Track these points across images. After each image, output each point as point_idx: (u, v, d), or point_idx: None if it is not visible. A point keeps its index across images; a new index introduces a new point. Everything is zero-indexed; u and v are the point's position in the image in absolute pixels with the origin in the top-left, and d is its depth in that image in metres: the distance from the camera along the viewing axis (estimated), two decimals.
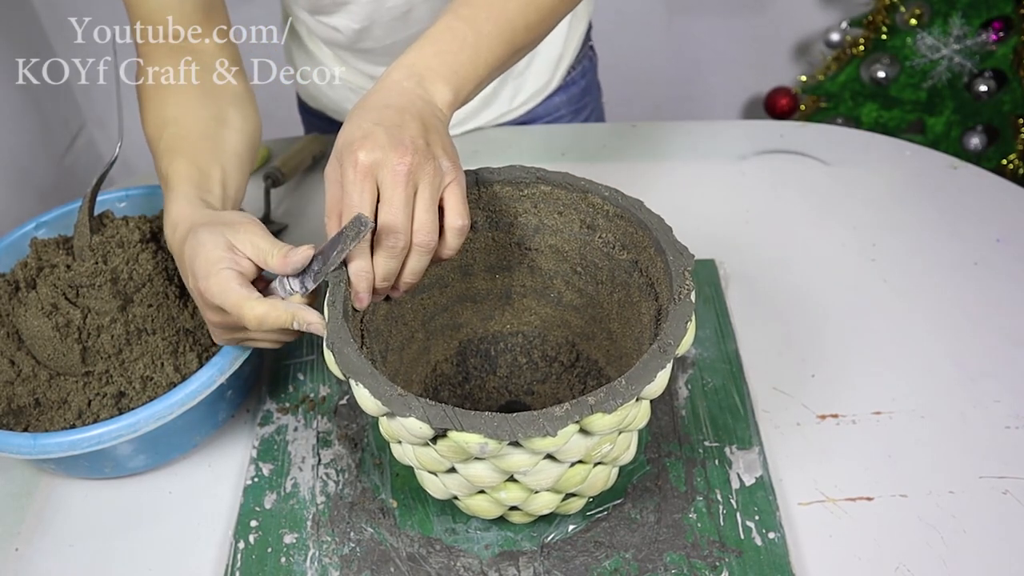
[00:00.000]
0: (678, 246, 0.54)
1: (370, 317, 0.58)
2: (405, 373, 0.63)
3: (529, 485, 0.51)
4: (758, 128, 0.99)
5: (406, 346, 0.63)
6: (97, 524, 0.63)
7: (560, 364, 0.68)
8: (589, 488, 0.55)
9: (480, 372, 0.69)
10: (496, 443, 0.46)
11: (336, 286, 0.53)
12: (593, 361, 0.66)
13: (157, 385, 0.62)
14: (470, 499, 0.55)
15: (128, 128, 0.71)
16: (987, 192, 0.87)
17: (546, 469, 0.50)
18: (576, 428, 0.47)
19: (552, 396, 0.67)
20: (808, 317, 0.74)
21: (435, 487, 0.55)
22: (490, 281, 0.66)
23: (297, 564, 0.58)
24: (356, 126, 0.52)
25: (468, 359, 0.69)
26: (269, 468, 0.65)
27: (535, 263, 0.65)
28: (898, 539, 0.58)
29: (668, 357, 0.48)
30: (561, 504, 0.56)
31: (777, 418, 0.66)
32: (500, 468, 0.49)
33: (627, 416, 0.48)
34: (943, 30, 1.55)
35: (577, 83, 0.99)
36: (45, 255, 0.67)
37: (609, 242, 0.60)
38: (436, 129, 0.53)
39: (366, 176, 0.50)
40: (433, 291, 0.65)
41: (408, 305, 0.63)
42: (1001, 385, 0.68)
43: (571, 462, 0.50)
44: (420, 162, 0.50)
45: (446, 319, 0.67)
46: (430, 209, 0.51)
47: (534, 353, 0.69)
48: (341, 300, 0.52)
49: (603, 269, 0.62)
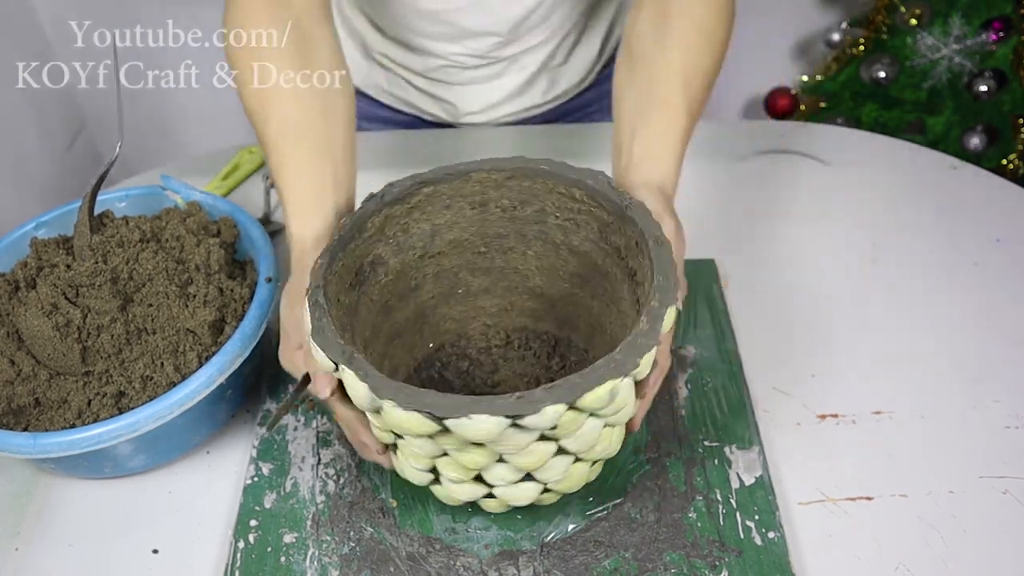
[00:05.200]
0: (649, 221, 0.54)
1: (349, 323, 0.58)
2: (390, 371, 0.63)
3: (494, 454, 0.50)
4: (758, 128, 0.99)
5: (387, 349, 0.64)
6: (97, 524, 0.63)
7: (546, 355, 0.68)
8: (568, 482, 0.54)
9: (464, 371, 0.69)
10: None
11: (317, 287, 0.53)
12: (582, 351, 0.66)
13: (157, 385, 0.62)
14: (445, 482, 0.54)
15: (128, 128, 0.71)
16: (987, 192, 0.87)
17: (513, 438, 0.48)
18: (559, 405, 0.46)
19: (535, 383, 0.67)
20: (808, 317, 0.74)
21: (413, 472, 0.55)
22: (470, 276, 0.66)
23: (297, 564, 0.58)
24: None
25: (450, 359, 0.69)
26: (269, 468, 0.65)
27: (510, 253, 0.65)
28: (898, 539, 0.58)
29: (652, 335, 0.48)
30: (541, 495, 0.55)
31: (777, 418, 0.66)
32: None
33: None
34: (943, 30, 1.55)
35: (610, 80, 1.00)
36: (45, 255, 0.67)
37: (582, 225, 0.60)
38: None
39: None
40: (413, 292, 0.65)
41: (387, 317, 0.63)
42: (1001, 385, 0.68)
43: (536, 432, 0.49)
44: None
45: (424, 321, 0.67)
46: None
47: (516, 345, 0.69)
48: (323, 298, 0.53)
49: (578, 255, 0.62)
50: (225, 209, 0.74)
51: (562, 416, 0.46)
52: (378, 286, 0.61)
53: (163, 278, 0.64)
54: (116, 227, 0.67)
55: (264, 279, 0.66)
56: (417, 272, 0.64)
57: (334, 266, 0.55)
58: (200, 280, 0.66)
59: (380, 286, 0.61)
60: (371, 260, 0.60)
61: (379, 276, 0.61)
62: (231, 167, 0.95)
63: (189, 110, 1.78)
